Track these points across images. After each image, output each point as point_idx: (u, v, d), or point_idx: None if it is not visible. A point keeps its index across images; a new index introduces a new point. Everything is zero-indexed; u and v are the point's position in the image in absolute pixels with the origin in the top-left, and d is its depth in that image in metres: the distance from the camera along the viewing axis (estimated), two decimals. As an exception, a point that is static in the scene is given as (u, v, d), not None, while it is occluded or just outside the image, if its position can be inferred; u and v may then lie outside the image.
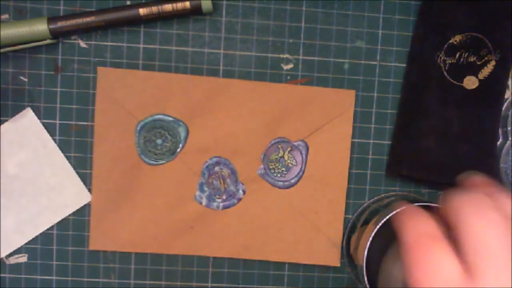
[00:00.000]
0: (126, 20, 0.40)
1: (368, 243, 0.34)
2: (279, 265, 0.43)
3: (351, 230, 0.42)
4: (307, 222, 0.42)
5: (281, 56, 0.42)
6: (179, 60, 0.42)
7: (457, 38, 0.41)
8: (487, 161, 0.42)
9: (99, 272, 0.42)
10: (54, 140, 0.41)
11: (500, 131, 0.43)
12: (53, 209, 0.42)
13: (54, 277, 0.42)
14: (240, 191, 0.42)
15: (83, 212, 0.42)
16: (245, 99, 0.41)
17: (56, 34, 0.39)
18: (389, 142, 0.43)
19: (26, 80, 0.41)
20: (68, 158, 0.42)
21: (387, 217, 0.33)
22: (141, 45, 0.41)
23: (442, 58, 0.41)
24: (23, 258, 0.42)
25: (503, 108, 0.42)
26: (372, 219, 0.36)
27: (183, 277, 0.43)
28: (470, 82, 0.41)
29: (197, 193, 0.42)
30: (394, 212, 0.33)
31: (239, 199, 0.42)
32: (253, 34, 0.42)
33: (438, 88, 0.41)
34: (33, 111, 0.41)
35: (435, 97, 0.41)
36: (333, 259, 0.43)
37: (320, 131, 0.42)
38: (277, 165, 0.42)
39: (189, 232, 0.42)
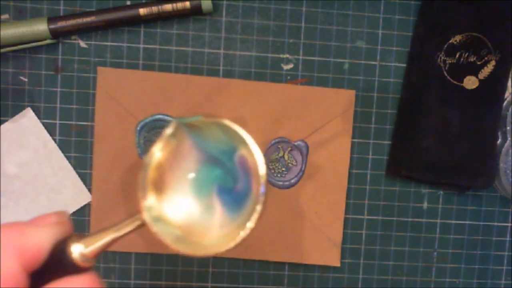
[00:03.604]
0: (126, 20, 0.40)
1: None
2: (279, 265, 0.43)
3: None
4: (307, 222, 0.42)
5: (281, 56, 0.42)
6: (179, 60, 0.42)
7: (457, 38, 0.41)
8: (487, 161, 0.42)
9: (99, 272, 0.42)
10: (54, 140, 0.41)
11: (499, 131, 0.43)
12: (53, 209, 0.41)
13: (54, 277, 0.42)
14: (240, 191, 0.42)
15: (83, 212, 0.42)
16: (245, 99, 0.41)
17: (56, 34, 0.39)
18: (389, 142, 0.43)
19: (26, 80, 0.41)
20: (68, 158, 0.42)
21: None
22: (141, 45, 0.41)
23: (442, 58, 0.41)
24: (23, 258, 0.42)
25: (503, 108, 0.42)
26: None
27: (183, 277, 0.43)
28: (470, 82, 0.41)
29: (197, 193, 0.42)
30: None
31: (239, 199, 0.42)
32: (253, 34, 0.42)
33: (438, 88, 0.41)
34: (33, 111, 0.41)
35: (435, 97, 0.41)
36: (333, 259, 0.43)
37: (320, 131, 0.42)
38: (277, 165, 0.42)
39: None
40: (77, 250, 0.21)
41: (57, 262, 0.21)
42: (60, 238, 0.21)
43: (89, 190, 0.42)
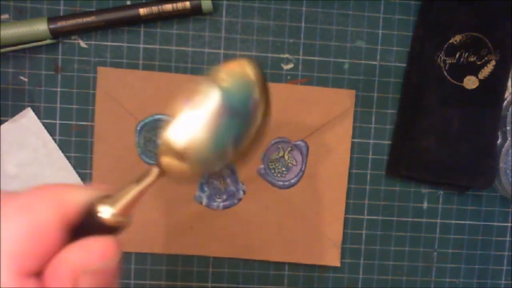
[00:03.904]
0: (126, 20, 0.40)
1: None
2: (279, 265, 0.43)
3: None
4: (307, 222, 0.42)
5: (281, 56, 0.42)
6: (179, 60, 0.42)
7: (457, 38, 0.41)
8: (487, 161, 0.42)
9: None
10: (54, 140, 0.41)
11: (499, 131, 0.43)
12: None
13: (54, 277, 0.42)
14: (240, 191, 0.42)
15: (83, 212, 0.42)
16: (245, 99, 0.41)
17: (56, 34, 0.39)
18: (389, 142, 0.43)
19: (26, 80, 0.41)
20: (68, 158, 0.42)
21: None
22: (141, 45, 0.41)
23: (442, 58, 0.41)
24: (23, 258, 0.42)
25: (503, 108, 0.42)
26: None
27: (183, 277, 0.43)
28: (470, 82, 0.41)
29: (197, 193, 0.42)
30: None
31: (239, 199, 0.42)
32: (253, 34, 0.42)
33: (438, 88, 0.41)
34: (33, 111, 0.41)
35: (435, 97, 0.41)
36: (333, 259, 0.43)
37: (320, 131, 0.42)
38: (277, 165, 0.42)
39: (189, 232, 0.42)
40: (107, 210, 0.21)
41: (87, 222, 0.21)
42: (92, 200, 0.22)
43: (89, 190, 0.42)
